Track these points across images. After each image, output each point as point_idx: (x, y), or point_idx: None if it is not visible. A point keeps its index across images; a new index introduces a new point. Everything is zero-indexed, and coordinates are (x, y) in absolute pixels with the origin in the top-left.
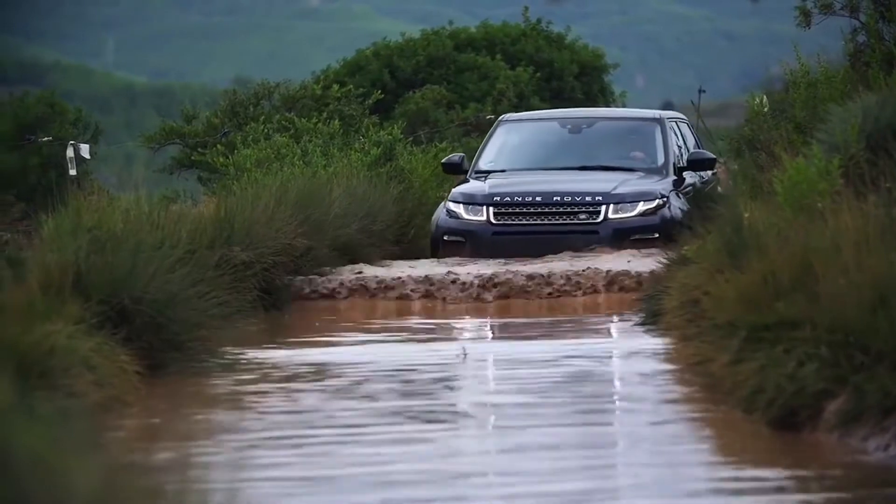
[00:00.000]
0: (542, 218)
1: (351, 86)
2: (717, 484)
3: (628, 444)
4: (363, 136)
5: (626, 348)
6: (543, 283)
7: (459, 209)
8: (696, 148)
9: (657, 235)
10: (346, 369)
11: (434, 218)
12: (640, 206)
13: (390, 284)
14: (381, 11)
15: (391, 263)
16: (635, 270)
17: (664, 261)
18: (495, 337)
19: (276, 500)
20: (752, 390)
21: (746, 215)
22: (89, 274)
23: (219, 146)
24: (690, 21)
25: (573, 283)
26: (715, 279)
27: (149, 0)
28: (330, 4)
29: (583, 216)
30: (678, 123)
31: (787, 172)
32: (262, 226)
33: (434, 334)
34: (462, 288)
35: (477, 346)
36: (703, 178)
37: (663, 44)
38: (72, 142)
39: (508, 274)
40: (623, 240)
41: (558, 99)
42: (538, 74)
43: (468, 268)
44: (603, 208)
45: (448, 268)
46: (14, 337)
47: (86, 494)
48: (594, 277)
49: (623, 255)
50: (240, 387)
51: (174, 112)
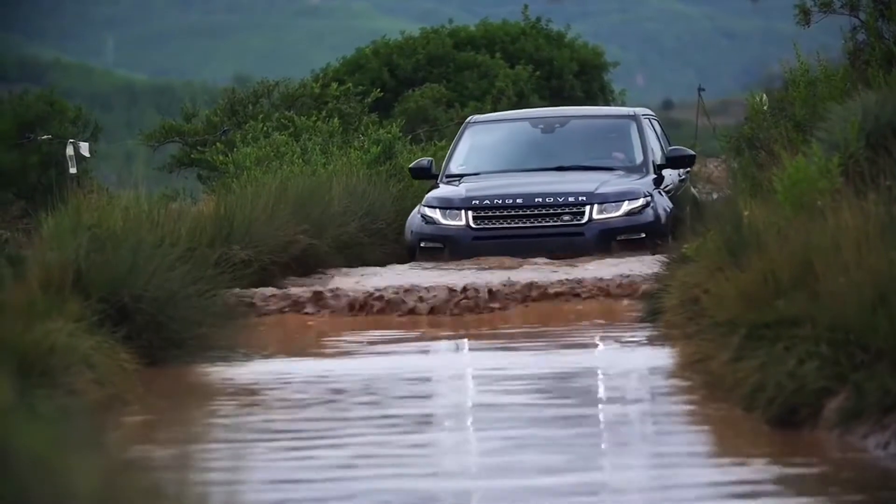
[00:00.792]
0: (525, 220)
1: (350, 84)
2: (715, 481)
3: (627, 442)
4: (363, 135)
5: (625, 345)
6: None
7: (436, 214)
8: (667, 146)
9: (644, 235)
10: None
11: (408, 225)
12: (626, 206)
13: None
14: (380, 10)
15: (363, 272)
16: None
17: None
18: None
19: (276, 497)
20: (753, 388)
21: (746, 214)
22: (89, 272)
23: (218, 144)
24: (690, 19)
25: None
26: (715, 277)
27: None
28: (330, 2)
29: (567, 217)
30: (651, 120)
31: (787, 171)
32: (262, 224)
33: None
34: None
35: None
36: (681, 176)
37: (663, 42)
38: (71, 140)
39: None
40: (609, 240)
41: (558, 97)
42: (538, 73)
43: (449, 277)
44: (587, 209)
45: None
46: (14, 335)
47: (86, 493)
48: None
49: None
50: (240, 384)
51: (174, 110)
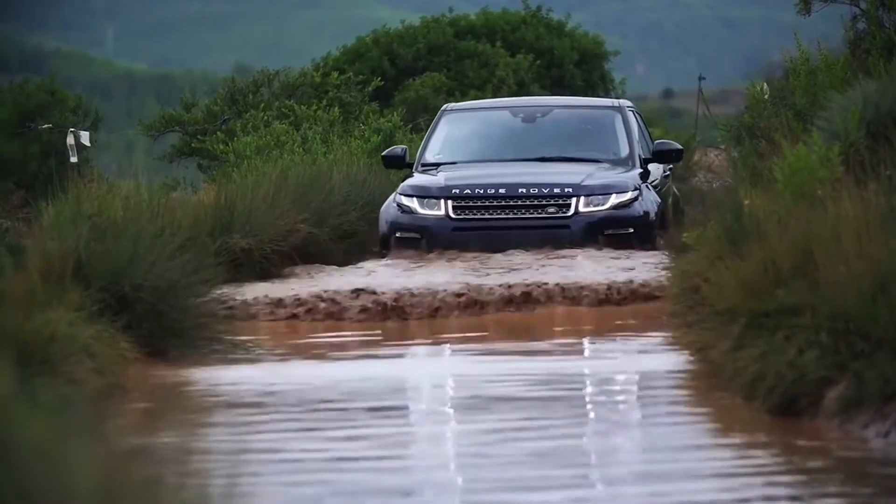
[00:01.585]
0: (507, 212)
1: (351, 73)
2: (715, 468)
3: (627, 430)
4: (363, 124)
5: (627, 336)
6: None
7: (413, 203)
8: (648, 139)
9: (632, 230)
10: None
11: (382, 214)
12: (613, 199)
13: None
14: None
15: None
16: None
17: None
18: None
19: (278, 485)
20: (753, 377)
21: (747, 203)
22: (89, 261)
23: (218, 134)
24: (691, 8)
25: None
26: (715, 266)
27: None
28: None
29: (552, 209)
30: (634, 113)
31: (787, 160)
32: (262, 213)
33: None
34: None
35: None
36: (665, 171)
37: (664, 31)
38: (72, 129)
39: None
40: (596, 235)
41: (559, 86)
42: (538, 62)
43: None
44: (573, 201)
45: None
46: (14, 324)
47: (86, 482)
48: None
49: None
50: (240, 373)
51: (174, 100)
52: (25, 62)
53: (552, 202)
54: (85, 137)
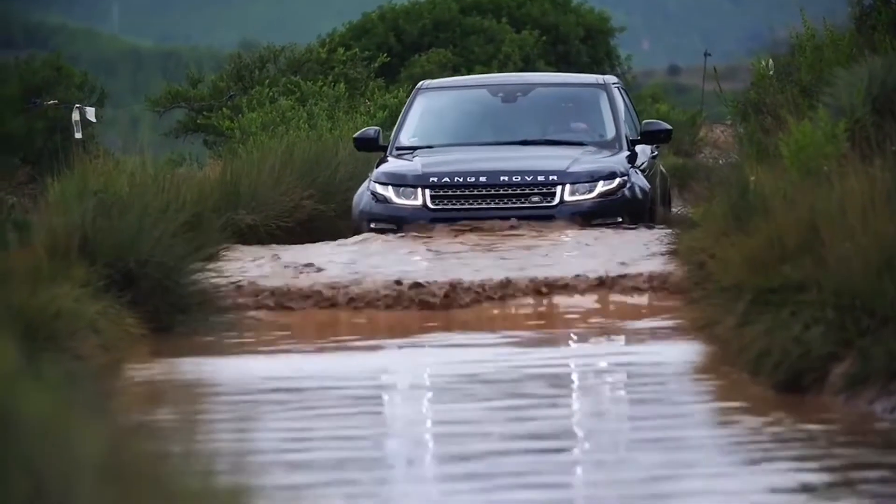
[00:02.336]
0: (488, 201)
1: (356, 49)
2: (719, 439)
3: (631, 405)
4: (369, 100)
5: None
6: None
7: (388, 192)
8: (635, 118)
9: (620, 220)
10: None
11: (355, 202)
12: (600, 186)
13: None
14: None
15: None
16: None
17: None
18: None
19: (282, 458)
20: (758, 353)
21: (753, 179)
22: (95, 237)
23: (224, 110)
24: None
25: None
26: (721, 242)
27: None
28: None
29: (535, 198)
30: (620, 90)
31: (793, 136)
32: (268, 189)
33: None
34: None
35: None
36: (653, 152)
37: (669, 7)
38: (78, 105)
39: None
40: (582, 225)
41: (564, 62)
42: (544, 38)
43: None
44: (558, 189)
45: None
46: (20, 300)
47: (91, 458)
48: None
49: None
50: (245, 347)
51: (180, 76)
52: (31, 38)
53: (536, 190)
54: (90, 113)
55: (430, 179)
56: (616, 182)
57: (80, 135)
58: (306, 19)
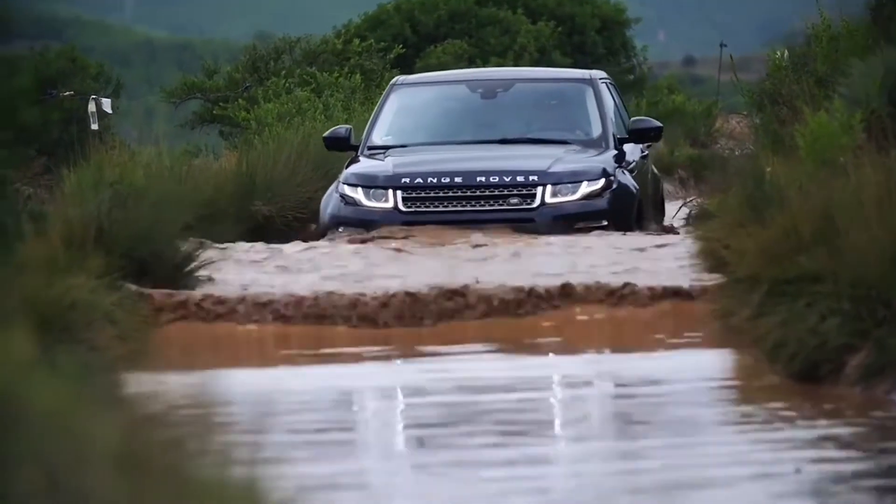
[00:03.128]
0: (464, 203)
1: (372, 40)
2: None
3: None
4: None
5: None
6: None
7: (357, 194)
8: (624, 115)
9: (605, 223)
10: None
11: (323, 204)
12: (584, 188)
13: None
14: None
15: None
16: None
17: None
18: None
19: (298, 453)
20: (774, 344)
21: (768, 169)
22: (111, 228)
23: (240, 101)
24: None
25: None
26: (736, 233)
27: None
28: None
29: (514, 200)
30: (608, 85)
31: (808, 127)
32: (284, 180)
33: None
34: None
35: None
36: (643, 151)
37: None
38: (93, 96)
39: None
40: (564, 229)
41: (580, 53)
42: (559, 29)
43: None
44: (539, 190)
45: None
46: (36, 291)
47: (106, 448)
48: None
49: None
50: (263, 338)
51: (194, 67)
52: (44, 29)
53: (515, 192)
54: (106, 104)
55: (402, 180)
56: (601, 183)
57: (95, 126)
58: (321, 10)
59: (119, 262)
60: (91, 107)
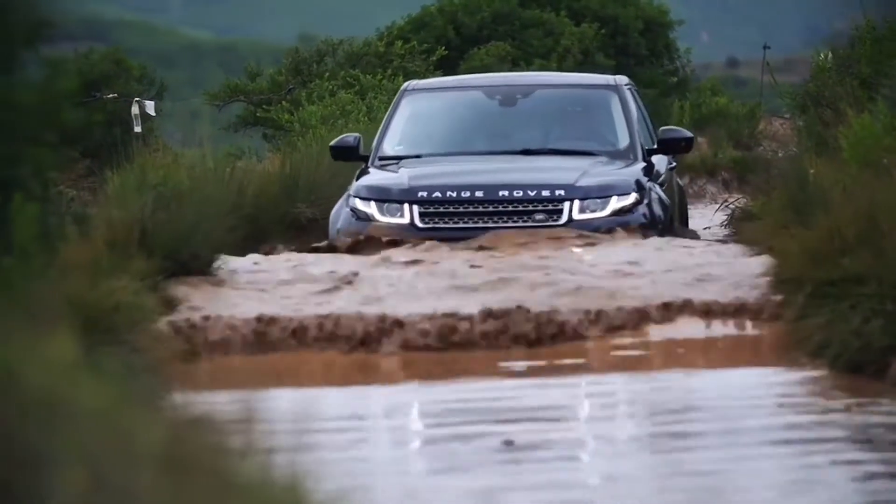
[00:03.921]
0: (485, 219)
1: (415, 42)
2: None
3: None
4: None
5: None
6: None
7: (370, 208)
8: (649, 124)
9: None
10: None
11: (332, 220)
12: (614, 203)
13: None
14: None
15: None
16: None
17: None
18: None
19: (340, 453)
20: (818, 346)
21: (812, 171)
22: (154, 231)
23: (283, 103)
24: None
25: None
26: (780, 235)
27: None
28: None
29: (540, 216)
30: (632, 91)
31: (852, 128)
32: (327, 182)
33: None
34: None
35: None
36: (670, 163)
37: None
38: (137, 98)
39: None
40: None
41: (623, 55)
42: (603, 31)
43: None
44: (566, 205)
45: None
46: (80, 293)
47: (150, 449)
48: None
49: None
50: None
51: (238, 69)
52: (89, 31)
53: (540, 207)
54: (150, 107)
55: (419, 194)
56: (632, 198)
57: (139, 128)
58: (366, 10)
59: (162, 265)
60: (134, 109)
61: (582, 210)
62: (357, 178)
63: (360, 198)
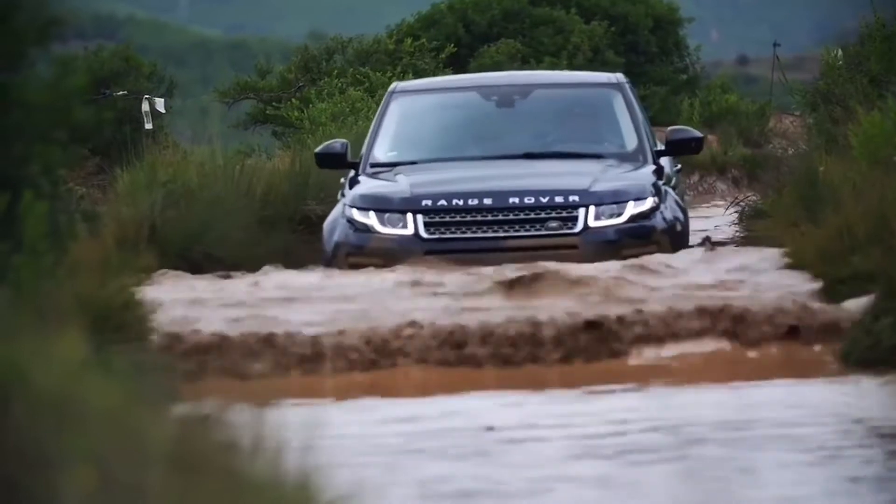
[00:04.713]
0: (495, 227)
1: (425, 40)
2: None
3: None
4: None
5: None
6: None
7: (369, 219)
8: (647, 123)
9: (655, 247)
10: None
11: (327, 231)
12: (630, 208)
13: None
14: None
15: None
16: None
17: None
18: None
19: (350, 456)
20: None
21: (822, 169)
22: (164, 228)
23: (293, 101)
24: None
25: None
26: (790, 232)
27: None
28: None
29: (554, 224)
30: (631, 90)
31: (862, 126)
32: (337, 180)
33: None
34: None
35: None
36: (676, 165)
37: None
38: (147, 96)
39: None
40: (611, 256)
41: (633, 53)
42: (613, 28)
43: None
44: (581, 212)
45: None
46: (89, 291)
47: (160, 447)
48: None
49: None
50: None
51: (248, 67)
52: (99, 29)
53: (554, 214)
54: (160, 104)
55: (423, 203)
56: (649, 203)
57: (149, 125)
58: (377, 8)
59: (172, 262)
60: (144, 106)
61: (598, 217)
62: (350, 187)
63: (358, 208)
